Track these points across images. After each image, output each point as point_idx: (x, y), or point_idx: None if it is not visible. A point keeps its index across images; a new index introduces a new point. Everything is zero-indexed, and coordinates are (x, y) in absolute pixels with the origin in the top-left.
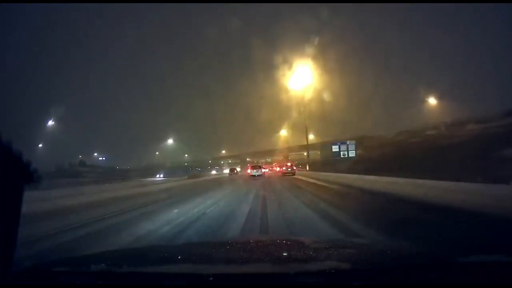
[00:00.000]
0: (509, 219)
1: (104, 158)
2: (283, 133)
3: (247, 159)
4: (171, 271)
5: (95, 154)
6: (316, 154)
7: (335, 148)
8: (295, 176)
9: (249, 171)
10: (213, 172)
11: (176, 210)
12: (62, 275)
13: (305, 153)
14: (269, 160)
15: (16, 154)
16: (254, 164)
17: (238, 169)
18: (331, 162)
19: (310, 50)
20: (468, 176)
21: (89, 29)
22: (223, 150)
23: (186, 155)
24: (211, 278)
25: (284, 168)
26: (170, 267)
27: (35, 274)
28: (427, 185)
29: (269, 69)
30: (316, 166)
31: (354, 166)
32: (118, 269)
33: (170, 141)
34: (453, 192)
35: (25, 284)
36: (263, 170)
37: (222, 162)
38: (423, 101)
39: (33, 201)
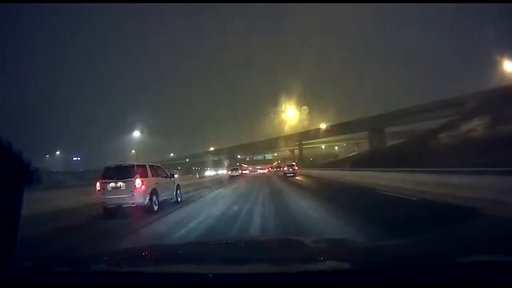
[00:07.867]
0: None
1: (79, 158)
2: (290, 115)
3: (238, 156)
4: (171, 271)
5: (58, 152)
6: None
7: None
8: None
9: (229, 172)
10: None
11: None
12: (62, 275)
13: (323, 146)
14: (269, 156)
15: (16, 154)
16: (233, 167)
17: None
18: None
19: None
20: None
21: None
22: (211, 146)
23: (171, 154)
24: (211, 277)
25: (286, 168)
26: (170, 267)
27: (35, 274)
28: None
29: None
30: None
31: None
32: (118, 269)
33: (137, 134)
34: None
35: (25, 284)
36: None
37: (201, 161)
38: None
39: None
